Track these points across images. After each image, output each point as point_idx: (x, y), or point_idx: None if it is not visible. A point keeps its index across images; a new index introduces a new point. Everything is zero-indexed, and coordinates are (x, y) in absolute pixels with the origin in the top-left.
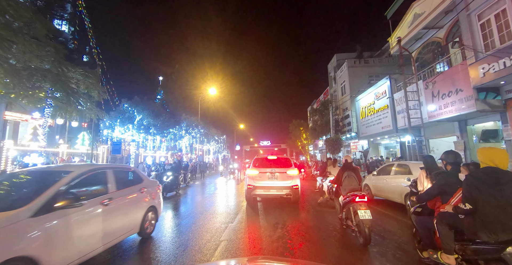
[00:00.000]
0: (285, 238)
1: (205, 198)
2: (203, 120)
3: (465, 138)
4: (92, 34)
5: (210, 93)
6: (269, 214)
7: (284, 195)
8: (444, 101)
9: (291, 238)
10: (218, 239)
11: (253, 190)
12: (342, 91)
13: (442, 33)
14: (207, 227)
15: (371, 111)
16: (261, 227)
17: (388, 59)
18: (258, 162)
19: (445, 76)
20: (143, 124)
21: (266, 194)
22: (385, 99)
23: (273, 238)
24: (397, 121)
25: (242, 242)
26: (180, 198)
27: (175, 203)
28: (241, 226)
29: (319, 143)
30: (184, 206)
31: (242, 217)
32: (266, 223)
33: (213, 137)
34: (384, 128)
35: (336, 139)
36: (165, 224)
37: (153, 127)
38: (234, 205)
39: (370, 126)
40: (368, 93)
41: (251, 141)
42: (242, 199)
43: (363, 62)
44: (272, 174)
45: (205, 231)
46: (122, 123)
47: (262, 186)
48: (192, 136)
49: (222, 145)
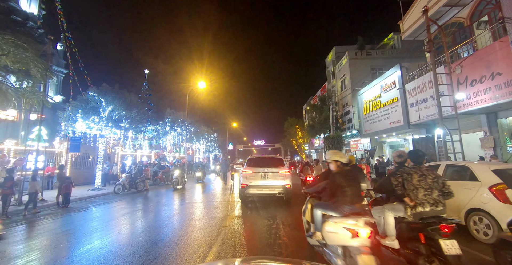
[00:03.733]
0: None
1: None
2: (192, 117)
3: (495, 134)
4: (63, 17)
5: (199, 87)
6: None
7: (276, 193)
8: (474, 89)
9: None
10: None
11: (247, 189)
12: (342, 85)
13: (465, 13)
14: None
15: (376, 105)
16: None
17: (392, 51)
18: (252, 162)
19: (475, 59)
20: (113, 116)
21: (260, 192)
22: (395, 91)
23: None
24: (409, 115)
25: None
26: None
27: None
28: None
29: (316, 142)
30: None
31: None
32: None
33: (203, 135)
34: (392, 124)
35: (337, 136)
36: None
37: (125, 120)
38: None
39: (375, 123)
40: (373, 85)
41: (245, 140)
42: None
43: (365, 54)
44: (265, 173)
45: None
46: (85, 115)
47: (255, 185)
48: (178, 133)
49: (213, 143)
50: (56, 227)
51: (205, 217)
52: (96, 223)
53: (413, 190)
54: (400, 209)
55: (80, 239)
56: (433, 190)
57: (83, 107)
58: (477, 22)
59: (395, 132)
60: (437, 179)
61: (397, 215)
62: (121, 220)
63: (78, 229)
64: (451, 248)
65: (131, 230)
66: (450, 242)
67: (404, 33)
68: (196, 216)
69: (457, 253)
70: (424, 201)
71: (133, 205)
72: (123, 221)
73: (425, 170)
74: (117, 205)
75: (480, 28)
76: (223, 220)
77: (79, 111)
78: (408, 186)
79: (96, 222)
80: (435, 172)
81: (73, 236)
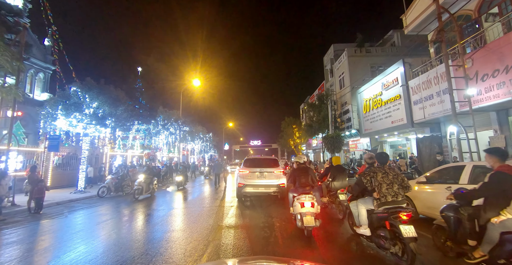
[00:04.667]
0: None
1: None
2: (187, 116)
3: (506, 132)
4: (49, 9)
5: (194, 85)
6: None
7: (271, 192)
8: (485, 84)
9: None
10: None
11: (244, 188)
12: (340, 84)
13: (472, 5)
14: None
15: (377, 103)
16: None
17: (392, 48)
18: (248, 162)
19: (487, 52)
20: (98, 114)
21: (256, 191)
22: (397, 88)
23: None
24: (412, 113)
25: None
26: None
27: None
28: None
29: (313, 142)
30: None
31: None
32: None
33: (198, 135)
34: (395, 122)
35: (336, 135)
36: None
37: (110, 118)
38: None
39: (376, 121)
40: (373, 83)
41: (241, 140)
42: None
43: (365, 51)
44: (261, 173)
45: None
46: (67, 111)
47: (251, 184)
48: (171, 132)
49: (208, 143)
50: (12, 240)
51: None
52: (60, 235)
53: (378, 185)
54: (370, 202)
55: (29, 257)
56: (393, 185)
57: (64, 103)
58: (485, 15)
59: (397, 131)
60: (397, 175)
61: (368, 207)
62: (90, 232)
63: (34, 244)
64: (409, 232)
65: (95, 247)
66: (408, 227)
67: (407, 27)
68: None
69: (413, 235)
70: (386, 193)
71: (112, 211)
72: (92, 233)
73: (388, 168)
74: (95, 211)
75: (489, 20)
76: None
77: (59, 107)
78: (375, 183)
79: (60, 234)
80: (396, 170)
81: (25, 253)
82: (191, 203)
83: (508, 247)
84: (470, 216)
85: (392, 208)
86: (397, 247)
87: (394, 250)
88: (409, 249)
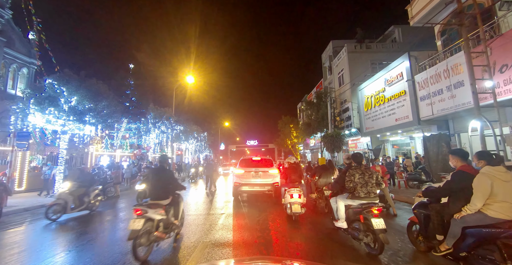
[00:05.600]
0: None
1: None
2: (181, 115)
3: None
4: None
5: (188, 82)
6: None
7: (266, 191)
8: (504, 75)
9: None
10: None
11: (239, 187)
12: (339, 81)
13: None
14: None
15: (379, 100)
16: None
17: (393, 44)
18: (244, 162)
19: (506, 40)
20: (78, 109)
21: (251, 190)
22: (402, 84)
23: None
24: (419, 110)
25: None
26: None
27: None
28: None
29: (311, 142)
30: None
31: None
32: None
33: (193, 134)
34: (399, 120)
35: (336, 134)
36: None
37: (90, 114)
38: None
39: (378, 119)
40: (375, 79)
41: (238, 140)
42: None
43: (365, 47)
44: (256, 172)
45: None
46: (40, 106)
47: (247, 183)
48: (162, 130)
49: (203, 143)
50: None
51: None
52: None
53: (355, 184)
54: (347, 198)
55: None
56: (367, 184)
57: (36, 97)
58: (499, 3)
59: (401, 129)
60: (372, 175)
61: (346, 203)
62: (38, 252)
63: None
64: (379, 224)
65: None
66: (378, 220)
67: (413, 18)
68: None
69: (383, 227)
70: (361, 191)
71: (79, 222)
72: (40, 253)
73: (364, 169)
74: (61, 220)
75: (503, 9)
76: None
77: (31, 101)
78: (353, 181)
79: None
80: (372, 170)
81: None
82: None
83: (469, 241)
84: (437, 213)
85: (366, 204)
86: (369, 238)
87: (366, 241)
88: (379, 240)
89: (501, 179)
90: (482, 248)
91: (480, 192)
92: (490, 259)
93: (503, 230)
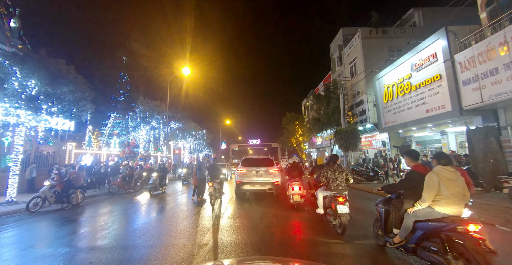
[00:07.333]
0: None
1: None
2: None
3: None
4: None
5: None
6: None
7: (267, 189)
8: None
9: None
10: None
11: (241, 185)
12: (352, 71)
13: None
14: None
15: (404, 89)
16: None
17: (413, 29)
18: (246, 162)
19: None
20: (31, 94)
21: (252, 188)
22: (436, 67)
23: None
24: (460, 97)
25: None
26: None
27: None
28: None
29: (317, 140)
30: None
31: None
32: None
33: (190, 131)
34: (431, 111)
35: (351, 130)
36: None
37: (48, 101)
38: None
39: (402, 112)
40: (398, 64)
41: (240, 139)
42: None
43: (381, 32)
44: (257, 172)
45: None
46: None
47: (248, 182)
48: (153, 126)
49: (201, 141)
50: None
51: None
52: None
53: (328, 179)
54: (324, 190)
55: None
56: (337, 179)
57: None
58: None
59: (433, 122)
60: (342, 171)
61: (323, 194)
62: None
63: None
64: (343, 209)
65: None
66: (343, 206)
67: None
68: None
69: (346, 212)
70: (332, 185)
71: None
72: None
73: (336, 167)
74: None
75: None
76: None
77: None
78: (326, 177)
79: None
80: (342, 167)
81: None
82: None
83: (418, 234)
84: (396, 208)
85: (336, 194)
86: (337, 221)
87: (335, 223)
88: (342, 222)
89: (448, 177)
90: (428, 241)
91: (429, 188)
92: (434, 250)
93: (446, 224)
